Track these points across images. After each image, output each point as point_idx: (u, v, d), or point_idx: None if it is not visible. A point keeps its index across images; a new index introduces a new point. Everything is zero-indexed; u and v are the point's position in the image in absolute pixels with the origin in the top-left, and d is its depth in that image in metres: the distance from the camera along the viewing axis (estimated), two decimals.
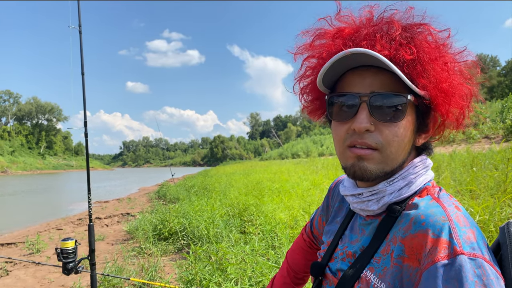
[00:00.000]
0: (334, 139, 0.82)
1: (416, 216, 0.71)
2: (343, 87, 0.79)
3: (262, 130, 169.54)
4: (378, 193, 0.79)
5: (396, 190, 0.78)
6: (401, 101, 0.73)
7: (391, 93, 0.73)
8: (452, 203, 0.73)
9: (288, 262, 1.23)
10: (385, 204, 0.78)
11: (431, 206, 0.72)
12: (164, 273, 4.68)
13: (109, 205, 14.37)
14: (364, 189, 0.81)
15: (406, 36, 0.73)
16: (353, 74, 0.77)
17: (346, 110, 0.77)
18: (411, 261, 0.67)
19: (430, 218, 0.68)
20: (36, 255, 6.56)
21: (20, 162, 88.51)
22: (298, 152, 40.02)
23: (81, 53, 3.05)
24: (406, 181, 0.78)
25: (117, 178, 45.98)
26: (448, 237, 0.64)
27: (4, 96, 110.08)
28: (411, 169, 0.79)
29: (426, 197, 0.76)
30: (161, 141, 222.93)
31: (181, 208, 7.22)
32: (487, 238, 3.02)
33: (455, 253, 0.61)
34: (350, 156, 0.77)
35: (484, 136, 13.73)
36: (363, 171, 0.75)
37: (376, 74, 0.74)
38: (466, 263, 0.59)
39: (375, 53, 0.68)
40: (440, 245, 0.63)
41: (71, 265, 2.74)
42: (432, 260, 0.62)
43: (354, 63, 0.75)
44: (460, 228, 0.65)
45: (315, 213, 1.20)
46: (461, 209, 0.72)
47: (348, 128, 0.77)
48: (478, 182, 4.89)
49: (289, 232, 4.63)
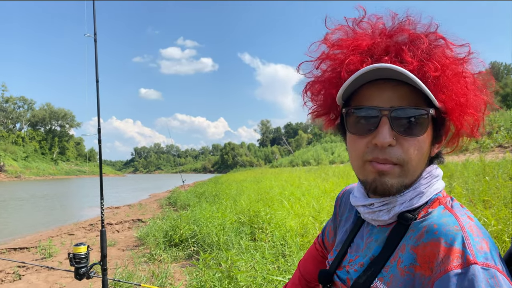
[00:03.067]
0: (352, 153, 0.80)
1: (429, 225, 0.71)
2: (361, 100, 0.77)
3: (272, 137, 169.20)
4: (389, 204, 0.78)
5: (407, 200, 0.77)
6: (422, 115, 0.73)
7: (413, 107, 0.73)
8: (465, 213, 0.73)
9: (300, 271, 1.23)
10: (395, 214, 0.78)
11: (443, 215, 0.72)
12: (174, 280, 4.69)
13: (120, 211, 14.46)
14: (375, 199, 0.81)
15: (427, 49, 0.73)
16: (371, 87, 0.76)
17: (366, 124, 0.76)
18: (424, 270, 0.67)
19: (443, 227, 0.68)
20: (48, 260, 6.62)
21: (33, 167, 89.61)
22: (308, 159, 39.83)
23: (96, 60, 3.10)
24: (417, 192, 0.78)
25: (128, 184, 46.28)
26: (461, 246, 0.63)
27: (19, 103, 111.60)
28: (422, 179, 0.79)
29: (439, 207, 0.76)
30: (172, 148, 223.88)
31: (191, 215, 7.24)
32: (501, 248, 2.98)
33: (468, 262, 0.61)
34: (371, 171, 0.75)
35: (498, 145, 13.54)
36: (384, 186, 0.74)
37: (395, 87, 0.74)
38: (479, 273, 0.59)
39: (404, 71, 0.68)
40: (453, 254, 0.63)
41: (83, 270, 2.76)
42: (445, 269, 0.62)
43: (374, 76, 0.74)
44: (473, 238, 0.65)
45: (327, 223, 1.21)
46: (474, 219, 0.72)
47: (368, 142, 0.75)
48: (492, 192, 4.82)
49: (299, 240, 4.61)
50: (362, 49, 0.78)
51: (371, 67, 0.70)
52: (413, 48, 0.73)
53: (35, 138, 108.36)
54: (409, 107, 0.73)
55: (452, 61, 0.73)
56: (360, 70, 0.71)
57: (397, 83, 0.73)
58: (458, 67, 0.74)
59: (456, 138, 0.82)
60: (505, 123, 15.47)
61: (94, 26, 3.08)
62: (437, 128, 0.78)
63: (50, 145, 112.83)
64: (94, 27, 3.08)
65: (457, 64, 0.74)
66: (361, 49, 0.78)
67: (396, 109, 0.72)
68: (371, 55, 0.76)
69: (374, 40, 0.78)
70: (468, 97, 0.74)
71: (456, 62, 0.74)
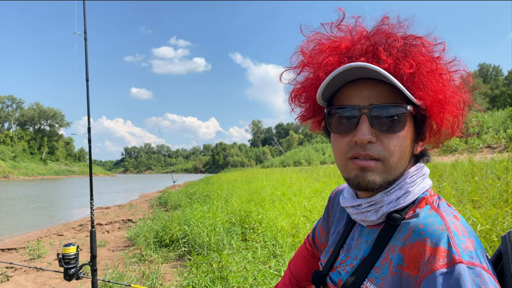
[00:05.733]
0: (335, 151, 0.83)
1: (415, 226, 0.72)
2: (342, 100, 0.80)
3: (264, 138, 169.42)
4: (376, 204, 0.80)
5: (393, 200, 0.78)
6: (400, 112, 0.75)
7: (390, 105, 0.75)
8: (451, 213, 0.74)
9: (291, 271, 1.23)
10: (383, 214, 0.79)
11: (430, 215, 0.73)
12: (165, 280, 4.67)
13: (110, 211, 14.35)
14: (362, 200, 0.82)
15: (403, 49, 0.75)
16: (350, 87, 0.78)
17: (346, 123, 0.78)
18: (411, 270, 0.68)
19: (428, 227, 0.69)
20: (37, 261, 6.55)
21: (22, 167, 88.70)
22: (300, 160, 39.85)
23: (86, 59, 3.07)
24: (403, 191, 0.79)
25: (118, 184, 45.96)
26: (447, 246, 0.64)
27: (7, 102, 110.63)
28: (407, 178, 0.80)
29: (425, 207, 0.77)
30: (163, 148, 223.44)
31: (182, 215, 7.21)
32: (490, 248, 3.02)
33: (453, 261, 0.62)
34: (353, 168, 0.78)
35: (486, 145, 13.70)
36: (366, 182, 0.76)
37: (373, 86, 0.76)
38: (465, 272, 0.60)
39: (377, 68, 0.70)
40: (439, 253, 0.64)
41: (72, 271, 2.73)
42: (431, 269, 0.63)
43: (352, 76, 0.76)
44: (458, 237, 0.66)
45: (317, 223, 1.21)
46: (460, 218, 0.73)
47: (349, 140, 0.78)
48: (480, 192, 4.88)
49: (290, 241, 4.62)
50: (340, 50, 0.80)
51: (346, 66, 0.72)
52: (389, 47, 0.75)
53: (23, 138, 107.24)
54: (387, 105, 0.75)
55: (427, 59, 0.75)
56: (336, 70, 0.73)
57: (375, 82, 0.76)
58: (433, 64, 0.76)
59: (437, 135, 0.84)
60: (494, 124, 15.66)
61: (84, 25, 3.05)
62: (418, 125, 0.80)
63: (39, 144, 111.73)
64: (84, 26, 3.05)
65: (432, 61, 0.76)
66: (340, 51, 0.80)
67: (374, 107, 0.75)
68: (349, 56, 0.78)
69: (353, 42, 0.80)
70: (445, 94, 0.76)
71: (431, 59, 0.76)
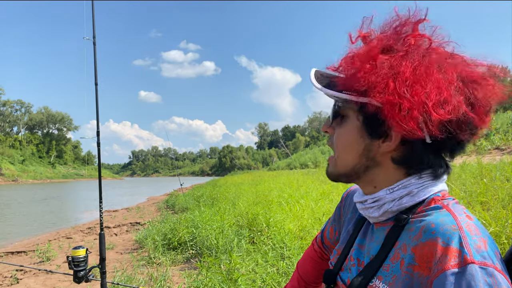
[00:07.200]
0: None
1: (427, 225, 0.71)
2: None
3: (270, 140, 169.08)
4: (378, 200, 0.80)
5: (396, 198, 0.78)
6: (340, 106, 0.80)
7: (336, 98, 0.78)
8: (463, 212, 0.73)
9: (299, 273, 1.23)
10: (386, 212, 0.79)
11: (441, 214, 0.72)
12: (173, 283, 4.68)
13: (118, 214, 14.43)
14: (368, 196, 0.83)
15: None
16: None
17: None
18: (422, 269, 0.67)
19: (440, 226, 0.68)
20: (46, 264, 6.60)
21: (31, 171, 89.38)
22: (306, 162, 39.73)
23: (95, 64, 3.11)
24: (407, 190, 0.77)
25: (126, 187, 46.18)
26: (459, 245, 0.64)
27: (16, 106, 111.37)
28: (414, 179, 0.78)
29: (436, 206, 0.75)
30: (170, 151, 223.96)
31: (190, 218, 7.23)
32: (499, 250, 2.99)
33: (465, 261, 0.61)
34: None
35: (495, 147, 13.57)
36: (326, 173, 0.86)
37: None
38: (477, 272, 0.60)
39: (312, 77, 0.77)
40: (450, 253, 0.63)
41: (82, 273, 2.75)
42: (442, 268, 0.62)
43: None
44: (471, 237, 0.65)
45: (326, 223, 1.21)
46: (473, 218, 0.72)
47: None
48: (490, 194, 4.84)
49: (298, 243, 4.61)
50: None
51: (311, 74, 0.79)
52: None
53: (32, 142, 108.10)
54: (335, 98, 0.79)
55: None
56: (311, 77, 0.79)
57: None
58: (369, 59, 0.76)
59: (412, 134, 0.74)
60: (502, 126, 15.52)
61: (93, 29, 3.09)
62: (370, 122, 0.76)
63: (48, 148, 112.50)
64: (93, 30, 3.08)
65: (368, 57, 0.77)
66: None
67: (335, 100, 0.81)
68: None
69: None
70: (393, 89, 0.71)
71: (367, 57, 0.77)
